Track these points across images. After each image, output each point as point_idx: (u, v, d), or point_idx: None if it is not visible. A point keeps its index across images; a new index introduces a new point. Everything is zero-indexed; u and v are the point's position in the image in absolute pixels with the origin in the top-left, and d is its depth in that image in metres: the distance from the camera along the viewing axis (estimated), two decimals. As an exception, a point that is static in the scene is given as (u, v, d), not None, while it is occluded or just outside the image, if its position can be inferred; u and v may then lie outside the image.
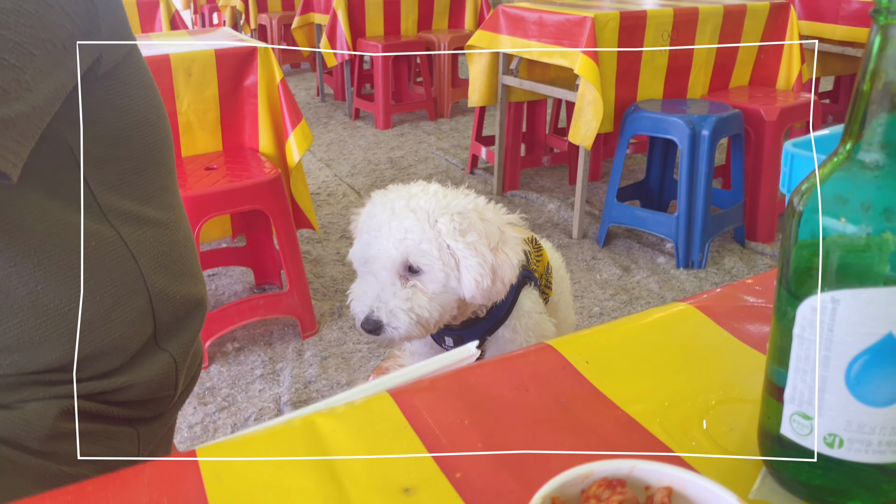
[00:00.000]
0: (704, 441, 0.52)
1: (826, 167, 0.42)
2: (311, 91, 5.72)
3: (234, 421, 1.93)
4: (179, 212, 0.86)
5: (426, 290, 0.94)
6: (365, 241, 0.97)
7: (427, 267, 0.93)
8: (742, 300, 0.72)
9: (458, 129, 4.61)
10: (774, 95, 2.98)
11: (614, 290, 2.59)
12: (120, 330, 0.76)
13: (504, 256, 0.95)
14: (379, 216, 0.96)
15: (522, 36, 2.93)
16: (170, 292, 0.82)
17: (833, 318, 0.41)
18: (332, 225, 3.16)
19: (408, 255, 0.93)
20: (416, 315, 0.93)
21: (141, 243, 0.78)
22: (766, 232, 2.92)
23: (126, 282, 0.76)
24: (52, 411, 0.72)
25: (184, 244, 0.86)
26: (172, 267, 0.82)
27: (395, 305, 0.93)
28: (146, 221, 0.79)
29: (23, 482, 0.70)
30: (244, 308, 2.20)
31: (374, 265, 0.95)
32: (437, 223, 0.93)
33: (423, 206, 0.94)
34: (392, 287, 0.94)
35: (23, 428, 0.70)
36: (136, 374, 0.78)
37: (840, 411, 0.42)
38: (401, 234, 0.93)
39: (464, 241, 0.93)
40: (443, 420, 0.55)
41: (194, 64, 2.13)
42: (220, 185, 2.03)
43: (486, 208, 0.98)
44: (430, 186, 0.98)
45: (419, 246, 0.92)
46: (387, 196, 0.98)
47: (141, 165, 0.78)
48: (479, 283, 0.93)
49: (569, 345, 0.64)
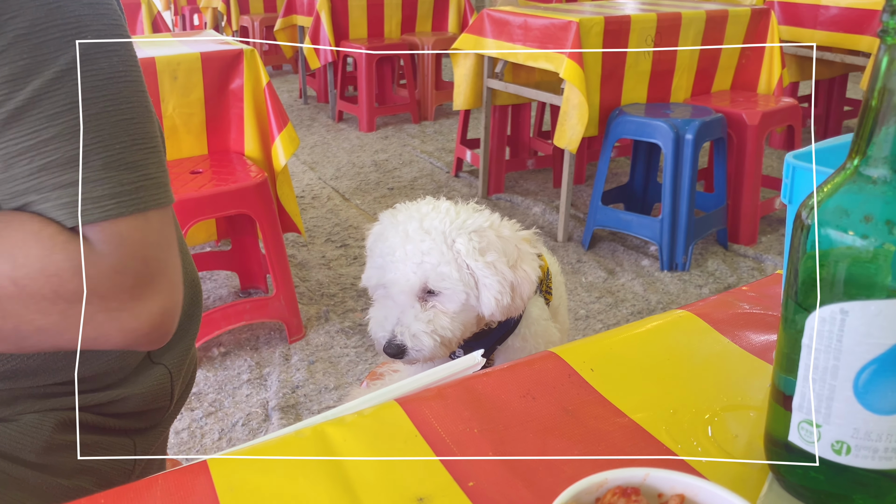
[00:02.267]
0: (711, 447, 0.53)
1: (833, 181, 0.44)
2: (293, 93, 5.70)
3: (222, 426, 1.92)
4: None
5: (447, 310, 0.93)
6: (378, 265, 0.95)
7: (446, 288, 0.92)
8: (739, 307, 0.73)
9: (441, 132, 4.62)
10: (756, 100, 3.02)
11: (599, 292, 2.61)
12: (116, 352, 0.75)
13: (523, 273, 0.95)
14: (391, 239, 0.94)
15: (507, 40, 2.94)
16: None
17: (842, 329, 0.42)
18: (316, 228, 3.15)
19: (426, 280, 0.92)
20: (439, 337, 0.93)
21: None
22: (749, 235, 2.96)
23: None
24: (49, 423, 0.71)
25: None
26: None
27: (419, 329, 0.93)
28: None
29: (20, 496, 0.70)
30: (230, 313, 2.19)
31: (392, 289, 0.94)
32: (455, 243, 0.92)
33: (437, 227, 0.93)
34: (412, 310, 0.93)
35: (19, 441, 0.70)
36: (130, 387, 0.78)
37: (848, 419, 0.43)
38: (417, 257, 0.91)
39: (483, 260, 0.92)
40: (452, 429, 0.55)
41: (180, 67, 2.12)
42: (207, 190, 2.02)
43: (501, 225, 0.97)
44: (440, 204, 0.97)
45: (437, 269, 0.91)
46: (396, 217, 0.97)
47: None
48: (499, 302, 0.92)
49: (573, 352, 0.64)
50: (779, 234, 3.08)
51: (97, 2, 0.60)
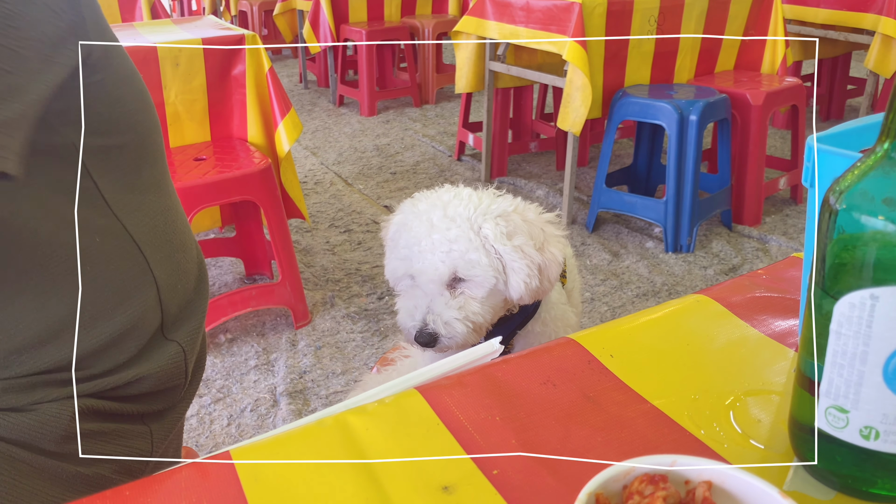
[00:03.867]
0: (734, 433, 0.53)
1: (862, 165, 0.43)
2: (293, 78, 5.67)
3: (230, 412, 1.93)
4: (174, 198, 0.86)
5: (476, 296, 0.93)
6: (403, 255, 0.95)
7: (477, 275, 0.91)
8: (756, 291, 0.73)
9: (443, 115, 4.60)
10: (759, 80, 3.00)
11: (604, 275, 2.61)
12: (130, 322, 0.75)
13: (550, 255, 0.94)
14: (416, 229, 0.93)
15: (509, 22, 2.92)
16: (175, 282, 0.81)
17: (872, 315, 0.41)
18: (320, 214, 3.14)
19: (456, 268, 0.91)
20: (471, 323, 0.93)
21: (145, 234, 0.77)
22: (753, 215, 2.95)
23: (133, 274, 0.76)
24: (67, 412, 0.71)
25: (182, 230, 0.86)
26: (175, 256, 0.82)
27: (451, 316, 0.92)
28: (148, 211, 0.79)
29: (40, 484, 0.70)
30: (237, 299, 2.19)
31: (420, 279, 0.93)
32: (482, 229, 0.91)
33: (462, 214, 0.92)
34: (442, 298, 0.93)
35: (38, 430, 0.70)
36: (145, 366, 0.78)
37: (877, 405, 0.43)
38: (445, 246, 0.91)
39: (511, 244, 0.91)
40: (474, 417, 0.55)
41: (181, 53, 2.10)
42: (211, 176, 2.02)
43: (526, 209, 0.97)
44: (461, 191, 0.96)
45: (466, 256, 0.91)
46: (417, 207, 0.96)
47: (139, 155, 0.78)
48: (528, 285, 0.92)
49: (592, 339, 0.64)
50: (783, 214, 3.08)
51: None
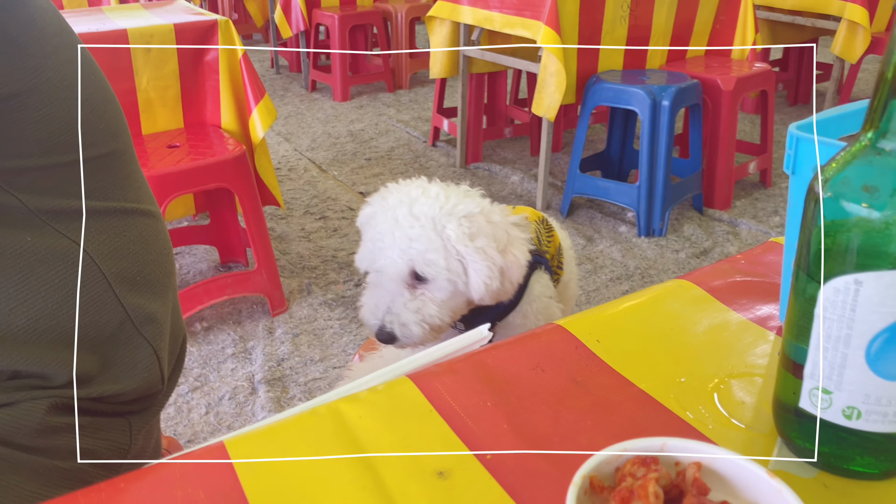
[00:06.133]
0: (719, 415, 0.55)
1: (847, 153, 0.44)
2: (264, 63, 5.60)
3: (208, 401, 1.92)
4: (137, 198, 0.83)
5: (435, 297, 0.94)
6: (368, 249, 0.96)
7: (433, 275, 0.92)
8: (735, 276, 0.74)
9: (417, 100, 4.58)
10: (730, 65, 3.03)
11: (579, 259, 2.63)
12: (81, 318, 0.74)
13: (512, 258, 0.95)
14: (381, 224, 0.94)
15: (483, 6, 2.91)
16: (133, 274, 0.79)
17: (856, 299, 0.43)
18: (295, 201, 3.12)
19: (413, 265, 0.92)
20: (428, 324, 0.93)
21: (89, 233, 0.74)
22: (723, 199, 2.99)
23: (75, 272, 0.74)
24: (42, 406, 0.71)
25: (143, 225, 0.83)
26: (131, 248, 0.79)
27: (407, 318, 0.93)
28: (92, 212, 0.76)
29: (17, 479, 0.69)
30: (212, 287, 2.18)
31: (382, 276, 0.94)
32: (445, 229, 0.92)
33: (426, 213, 0.92)
34: (401, 298, 0.94)
35: (12, 425, 0.69)
36: (121, 382, 0.77)
37: (859, 386, 0.45)
38: (405, 243, 0.91)
39: (473, 245, 0.92)
40: (466, 403, 0.56)
41: (153, 39, 2.07)
42: (185, 164, 1.99)
43: (491, 210, 0.97)
44: (430, 188, 0.96)
45: (425, 256, 0.91)
46: (387, 200, 0.96)
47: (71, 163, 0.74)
48: (488, 286, 0.93)
49: (578, 324, 0.65)
50: (752, 198, 3.12)
51: None
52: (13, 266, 0.69)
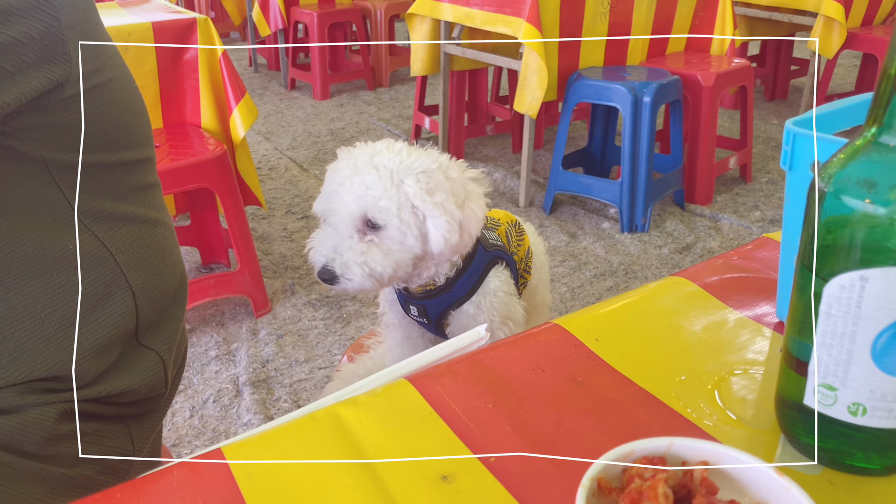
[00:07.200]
0: (721, 412, 0.55)
1: (849, 149, 0.44)
2: (242, 61, 5.55)
3: (192, 404, 1.90)
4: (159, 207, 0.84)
5: (382, 245, 0.96)
6: (327, 193, 0.98)
7: (384, 223, 0.94)
8: (730, 272, 0.74)
9: (397, 98, 4.57)
10: (709, 61, 3.05)
11: (563, 256, 2.64)
12: (104, 330, 0.74)
13: (470, 212, 0.98)
14: (342, 171, 0.97)
15: (464, 4, 2.90)
16: (152, 287, 0.80)
17: (861, 296, 0.43)
18: (276, 200, 3.10)
19: (366, 210, 0.94)
20: (369, 269, 0.95)
21: (119, 241, 0.76)
22: (705, 194, 3.01)
23: (106, 281, 0.74)
24: (51, 414, 0.70)
25: (163, 237, 0.84)
26: (153, 261, 0.81)
27: (350, 259, 0.95)
28: (122, 218, 0.77)
29: (23, 486, 0.69)
30: (195, 289, 2.15)
31: (334, 218, 0.97)
32: (403, 184, 0.94)
33: (386, 165, 0.95)
34: (349, 240, 0.96)
35: (21, 433, 0.69)
36: (125, 380, 0.77)
37: (864, 382, 0.44)
38: (361, 189, 0.94)
39: (432, 200, 0.94)
40: (467, 405, 0.55)
41: (130, 38, 2.04)
42: (165, 164, 1.97)
43: (449, 166, 1.00)
44: (395, 144, 0.99)
45: (378, 202, 0.93)
46: (352, 153, 0.99)
47: (114, 164, 0.75)
48: (447, 240, 0.95)
49: (576, 323, 0.65)
50: (733, 193, 3.15)
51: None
52: (52, 271, 0.69)
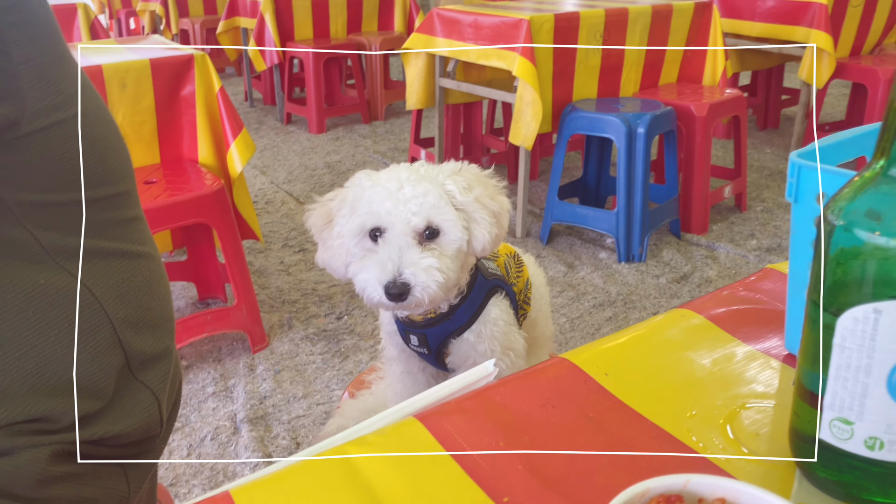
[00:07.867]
0: (735, 447, 0.54)
1: (858, 182, 0.44)
2: (238, 96, 5.59)
3: (190, 442, 1.88)
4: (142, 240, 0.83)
5: (445, 251, 0.94)
6: (372, 211, 0.94)
7: (448, 227, 0.93)
8: (735, 304, 0.74)
9: (393, 131, 4.60)
10: (702, 91, 3.09)
11: (561, 286, 2.64)
12: (86, 365, 0.72)
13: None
14: (386, 184, 0.94)
15: (458, 38, 2.94)
16: (137, 320, 0.79)
17: (875, 328, 0.43)
18: (273, 234, 3.10)
19: (429, 218, 0.92)
20: (444, 276, 0.92)
21: (96, 276, 0.74)
22: (700, 224, 3.03)
23: (84, 316, 0.73)
24: (44, 455, 0.69)
25: (147, 269, 0.82)
26: (136, 294, 0.79)
27: (428, 264, 0.91)
28: (98, 254, 0.75)
29: None
30: (191, 325, 2.14)
31: (391, 232, 0.93)
32: (445, 185, 0.95)
33: (425, 174, 0.95)
34: (414, 250, 0.92)
35: (13, 475, 0.67)
36: (120, 422, 0.76)
37: (881, 415, 0.44)
38: (419, 199, 0.92)
39: (472, 195, 0.95)
40: (478, 444, 0.55)
41: (128, 74, 2.06)
42: (162, 200, 1.97)
43: (469, 167, 1.01)
44: (410, 165, 0.99)
45: (437, 208, 0.93)
46: (377, 177, 0.97)
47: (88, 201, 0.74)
48: (490, 232, 0.96)
49: (584, 357, 0.64)
50: (728, 222, 3.16)
51: None
52: (25, 310, 0.68)
